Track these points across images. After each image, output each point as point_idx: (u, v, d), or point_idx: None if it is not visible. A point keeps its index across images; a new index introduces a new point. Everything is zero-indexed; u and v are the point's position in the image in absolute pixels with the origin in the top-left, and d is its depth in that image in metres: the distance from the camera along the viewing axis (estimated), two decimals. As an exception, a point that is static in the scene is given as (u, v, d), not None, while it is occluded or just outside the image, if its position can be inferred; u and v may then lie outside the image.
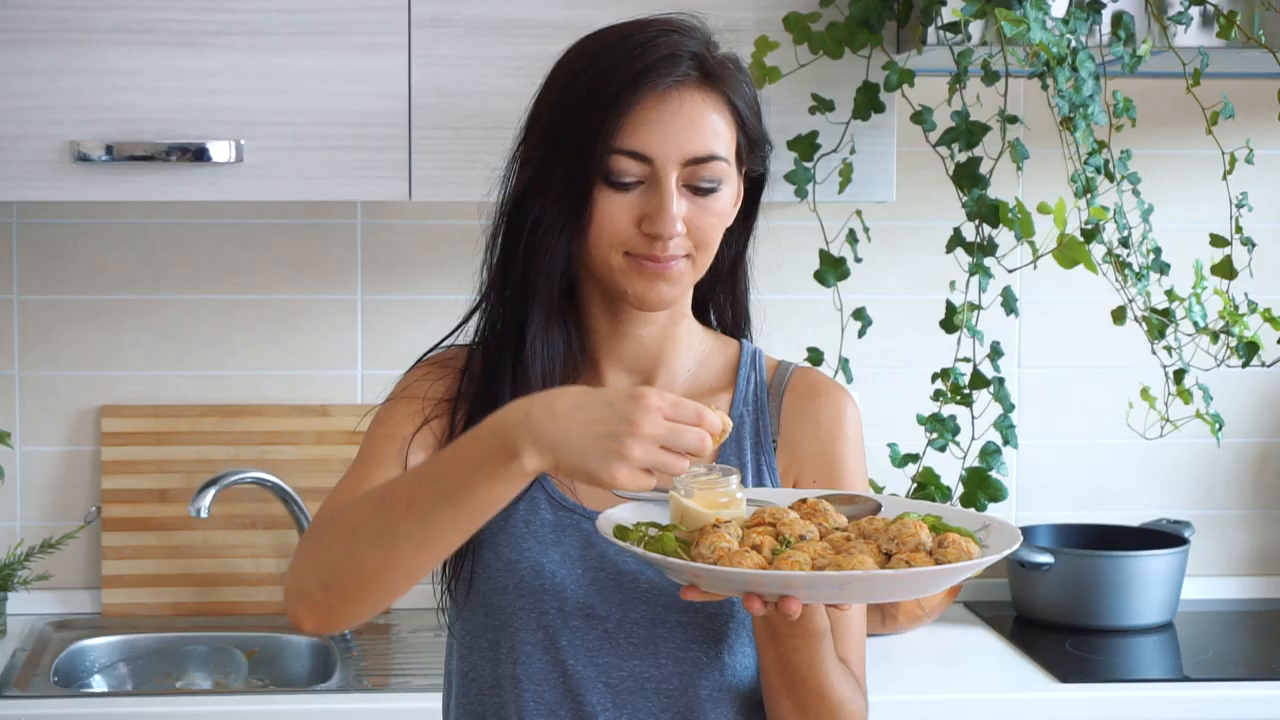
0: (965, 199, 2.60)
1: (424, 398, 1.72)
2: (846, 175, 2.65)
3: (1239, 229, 2.61)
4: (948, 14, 2.52)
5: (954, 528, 1.53)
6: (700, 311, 1.80)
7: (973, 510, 1.61)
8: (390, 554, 1.51)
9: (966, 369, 2.64)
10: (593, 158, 1.63)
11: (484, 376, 1.71)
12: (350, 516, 1.55)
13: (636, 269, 1.66)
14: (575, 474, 1.44)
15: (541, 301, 1.69)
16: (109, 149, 2.56)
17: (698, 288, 1.78)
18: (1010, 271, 2.68)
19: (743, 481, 1.65)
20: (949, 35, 2.52)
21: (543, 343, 1.69)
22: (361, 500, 1.56)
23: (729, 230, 1.76)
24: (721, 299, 1.81)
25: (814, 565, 1.48)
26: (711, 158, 1.66)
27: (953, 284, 2.69)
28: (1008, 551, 1.52)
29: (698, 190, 1.66)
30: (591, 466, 1.43)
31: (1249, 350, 2.54)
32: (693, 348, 1.77)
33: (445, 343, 1.78)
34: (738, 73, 1.72)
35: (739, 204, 1.74)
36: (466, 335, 1.78)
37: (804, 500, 1.60)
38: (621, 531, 1.57)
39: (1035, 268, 2.63)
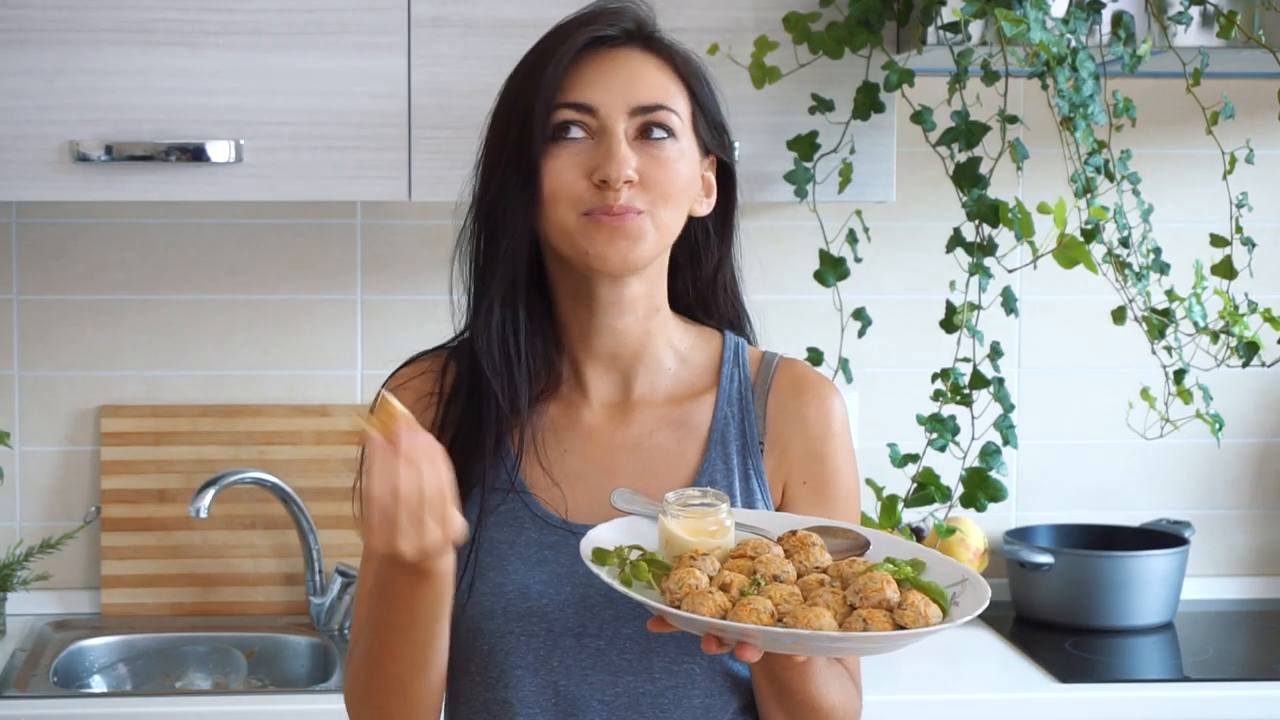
0: (965, 199, 2.60)
1: None
2: (846, 175, 2.65)
3: (1239, 229, 2.61)
4: (948, 14, 2.52)
5: (924, 584, 1.53)
6: (691, 316, 1.78)
7: (955, 561, 1.61)
8: (407, 686, 1.62)
9: (966, 369, 2.64)
10: (538, 118, 1.63)
11: (470, 378, 1.69)
12: (362, 680, 1.65)
13: (594, 226, 1.62)
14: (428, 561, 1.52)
15: (505, 286, 1.66)
16: (108, 149, 2.55)
17: (685, 293, 1.77)
18: (1010, 271, 2.68)
19: (733, 503, 1.65)
20: (949, 35, 2.52)
21: (513, 336, 1.68)
22: (357, 662, 1.65)
23: (708, 232, 1.74)
24: (710, 303, 1.78)
25: (776, 612, 1.49)
26: (659, 106, 1.65)
27: (953, 284, 2.69)
28: (964, 619, 1.51)
29: (650, 138, 1.64)
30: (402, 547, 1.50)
31: (1249, 350, 2.54)
32: (673, 343, 1.74)
33: (423, 352, 1.77)
34: (690, 57, 1.71)
35: (713, 196, 1.73)
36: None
37: (794, 532, 1.60)
38: (601, 554, 1.57)
39: (1035, 268, 2.63)
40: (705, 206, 1.72)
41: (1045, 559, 2.88)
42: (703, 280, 1.77)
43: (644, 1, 1.72)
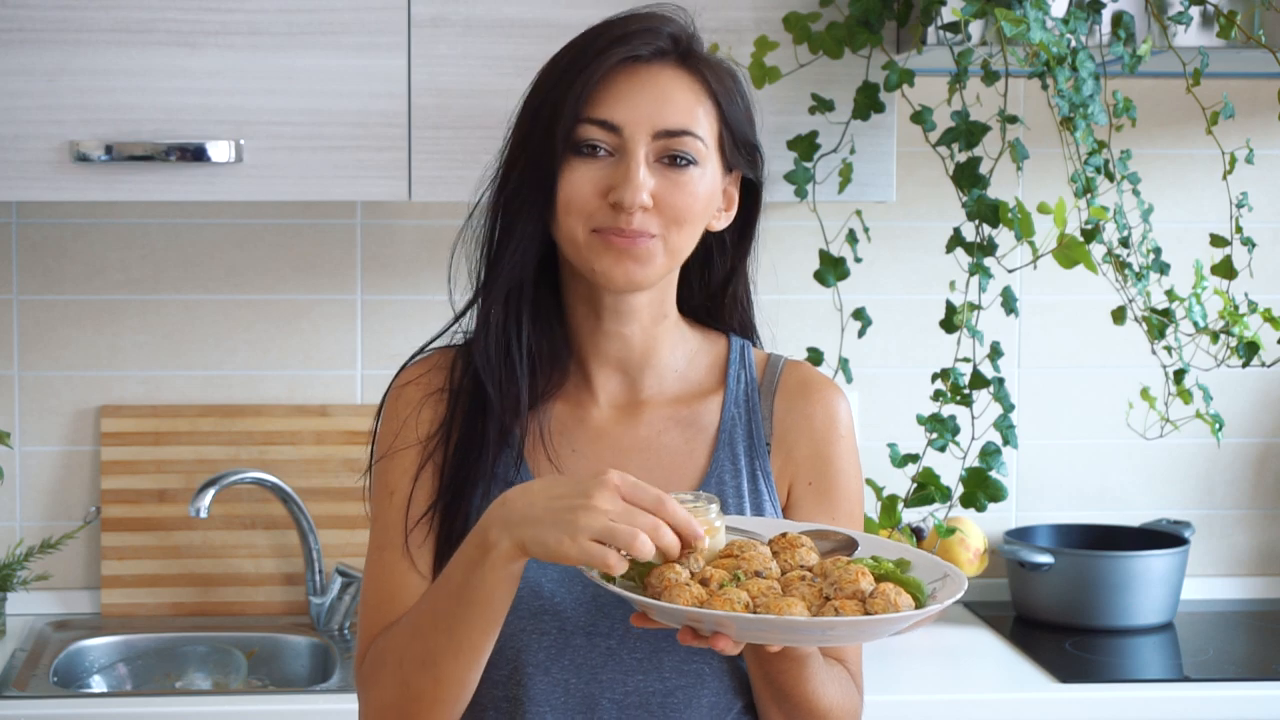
0: (965, 199, 2.60)
1: (416, 443, 1.70)
2: (846, 175, 2.65)
3: (1239, 229, 2.61)
4: (948, 14, 2.52)
5: (900, 577, 1.54)
6: (696, 319, 1.78)
7: (939, 560, 1.61)
8: (438, 673, 1.59)
9: (966, 369, 2.64)
10: (561, 129, 1.62)
11: (476, 375, 1.70)
12: (394, 652, 1.63)
13: (603, 245, 1.62)
14: (535, 548, 1.49)
15: (509, 285, 1.66)
16: (108, 149, 2.55)
17: (691, 298, 1.76)
18: (1010, 271, 2.68)
19: (724, 509, 1.65)
20: (949, 35, 2.52)
21: (515, 334, 1.68)
22: (398, 633, 1.63)
23: (723, 243, 1.74)
24: (717, 311, 1.78)
25: (753, 604, 1.50)
26: (684, 132, 1.63)
27: (953, 284, 2.69)
28: (937, 609, 1.52)
29: (670, 164, 1.63)
30: (546, 537, 1.48)
31: (1249, 350, 2.54)
32: (679, 346, 1.74)
33: (430, 347, 1.76)
34: (725, 72, 1.70)
35: (733, 210, 1.72)
36: (447, 340, 1.77)
37: (784, 534, 1.61)
38: None
39: (1035, 268, 2.63)
40: (723, 220, 1.72)
41: (1045, 559, 2.88)
42: (711, 288, 1.77)
43: (684, 10, 1.71)
